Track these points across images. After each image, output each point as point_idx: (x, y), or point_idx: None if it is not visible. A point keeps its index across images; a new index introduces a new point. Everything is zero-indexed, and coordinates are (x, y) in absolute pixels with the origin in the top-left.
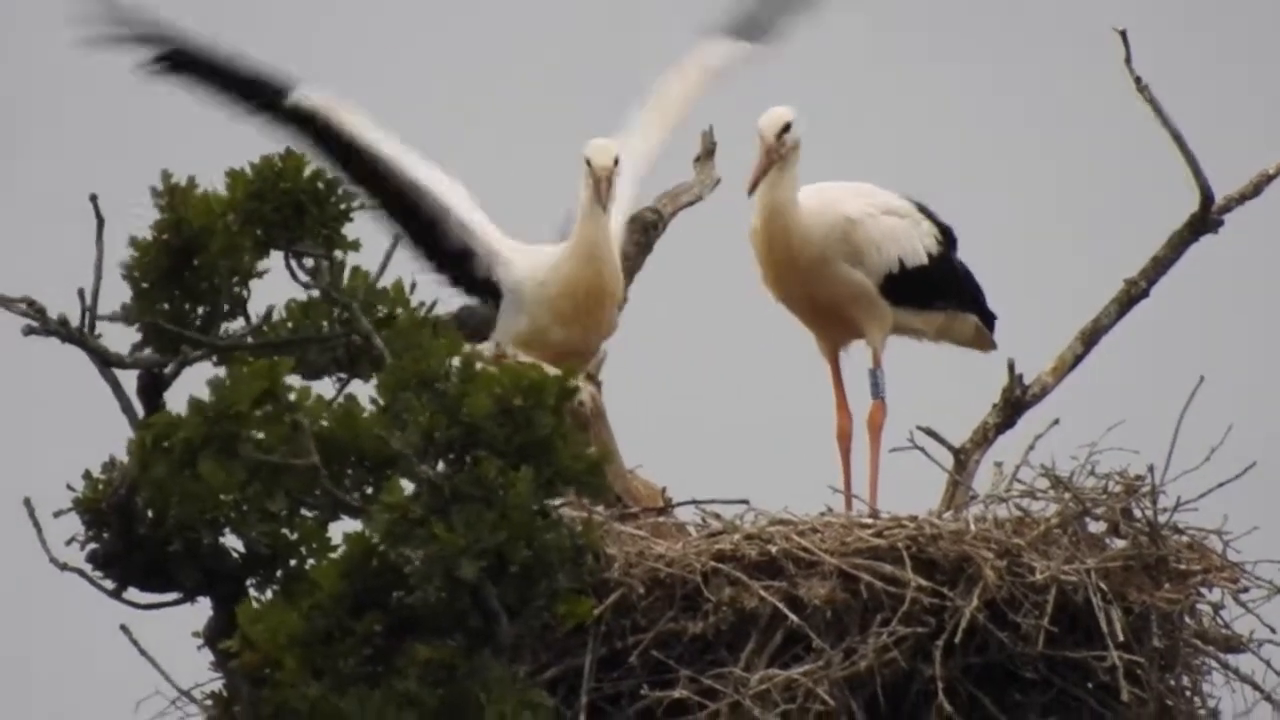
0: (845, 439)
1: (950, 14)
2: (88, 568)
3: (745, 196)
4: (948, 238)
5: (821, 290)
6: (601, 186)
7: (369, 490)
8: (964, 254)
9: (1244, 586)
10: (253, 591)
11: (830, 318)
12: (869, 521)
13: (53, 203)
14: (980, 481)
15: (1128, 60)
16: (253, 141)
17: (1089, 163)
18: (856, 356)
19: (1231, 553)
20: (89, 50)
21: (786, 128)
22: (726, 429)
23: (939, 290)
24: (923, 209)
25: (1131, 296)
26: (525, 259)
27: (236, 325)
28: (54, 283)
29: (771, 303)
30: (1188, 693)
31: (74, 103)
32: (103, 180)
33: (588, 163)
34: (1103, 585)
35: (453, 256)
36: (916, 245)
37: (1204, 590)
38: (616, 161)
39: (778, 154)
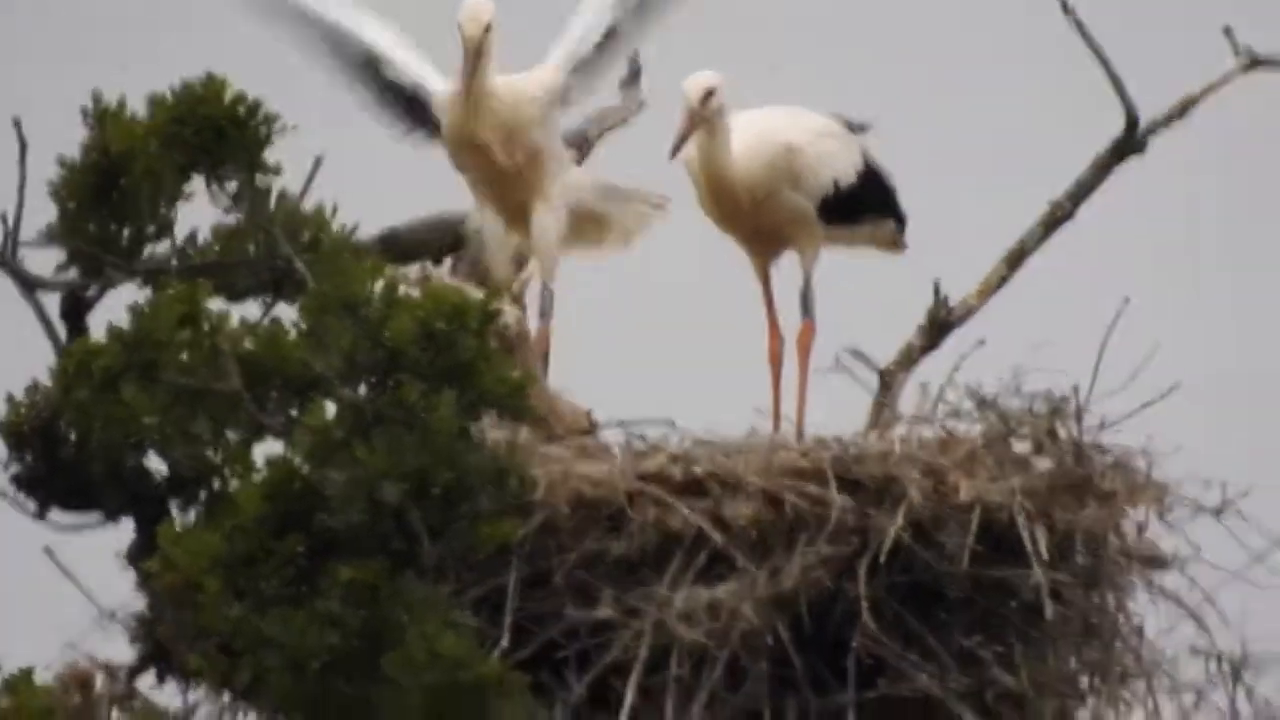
0: (776, 360)
1: None
2: (11, 490)
3: (671, 147)
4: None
5: (763, 217)
6: (468, 58)
7: (292, 413)
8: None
9: (1168, 505)
10: (175, 513)
11: (767, 239)
12: (794, 442)
13: None
14: (906, 402)
15: None
16: (177, 66)
17: (1014, 84)
18: (788, 277)
19: (1156, 472)
20: None
21: (710, 92)
22: (652, 350)
23: (867, 205)
24: (845, 122)
25: (1056, 218)
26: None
27: (162, 248)
28: None
29: (701, 224)
30: (1112, 610)
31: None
32: (27, 104)
33: (458, 28)
34: (1027, 505)
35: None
36: (848, 165)
37: (1129, 509)
38: (489, 28)
39: (700, 118)
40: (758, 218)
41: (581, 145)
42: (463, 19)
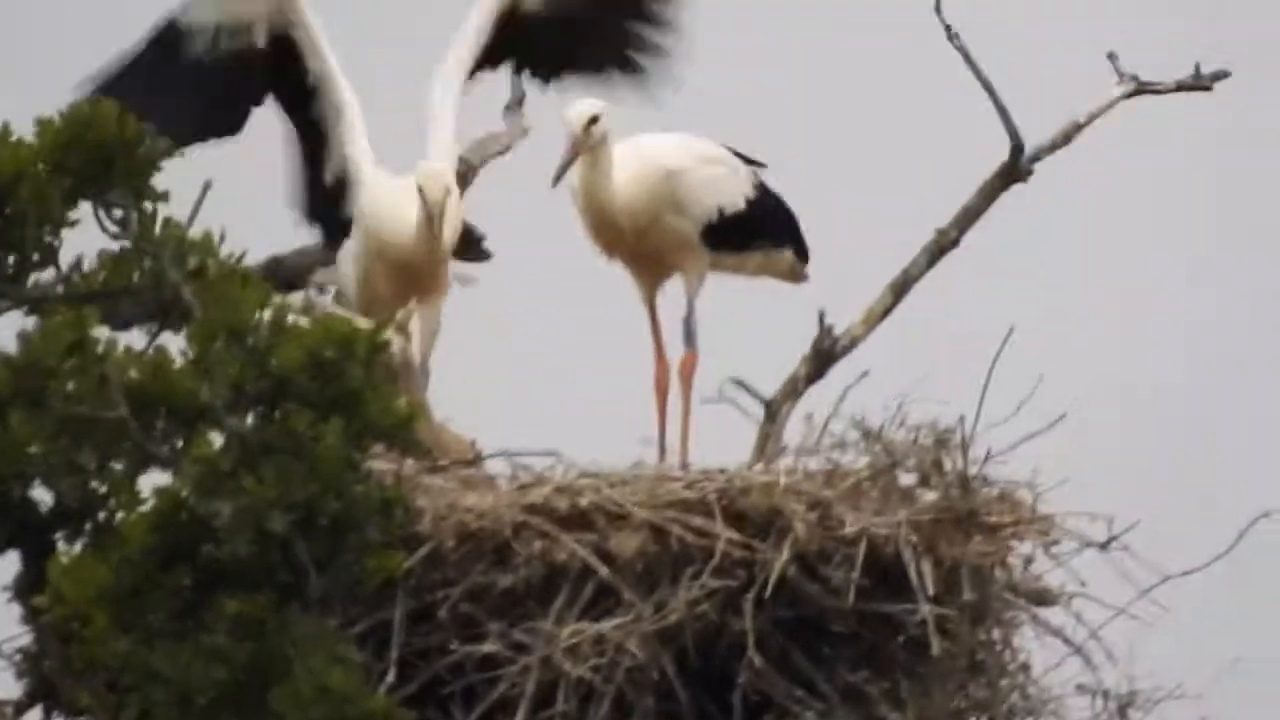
0: (662, 389)
1: None
2: None
3: (554, 176)
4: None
5: (646, 243)
6: (434, 222)
7: (179, 443)
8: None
9: (1054, 539)
10: (61, 545)
11: (651, 264)
12: (679, 474)
13: None
14: (791, 434)
15: (938, 8)
16: (63, 93)
17: (899, 110)
18: (675, 305)
19: (1042, 505)
20: None
21: (594, 120)
22: (536, 378)
23: (757, 234)
24: (736, 154)
25: (941, 246)
26: (375, 189)
27: (47, 275)
28: None
29: (587, 249)
30: (998, 646)
31: None
32: None
33: (420, 190)
34: (914, 538)
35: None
36: (734, 193)
37: (1015, 543)
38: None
39: (584, 146)
40: (641, 243)
41: (464, 175)
42: (424, 180)
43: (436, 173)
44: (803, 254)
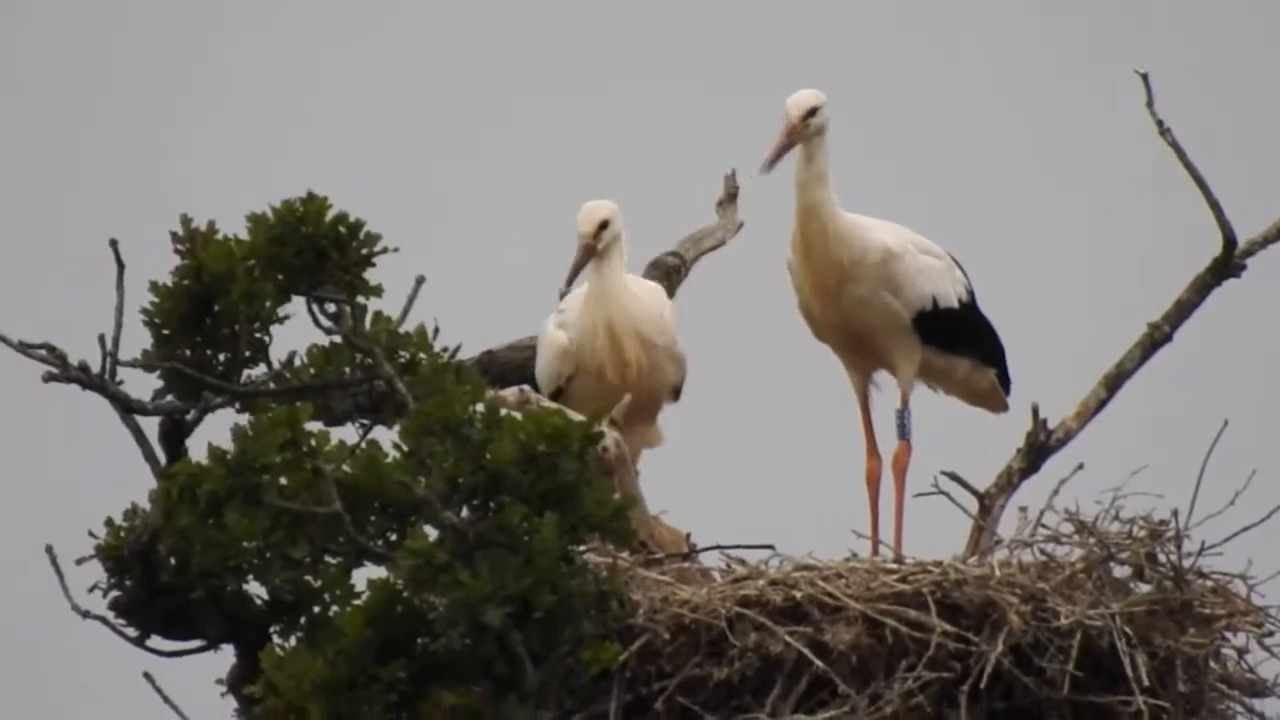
0: (874, 482)
1: (970, 56)
2: (110, 615)
3: (765, 177)
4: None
5: (856, 316)
6: (578, 254)
7: (393, 536)
8: (987, 298)
9: (1269, 630)
10: (276, 639)
11: (863, 349)
12: (894, 567)
13: (73, 248)
14: (1005, 526)
15: (1149, 103)
16: (274, 186)
17: (1112, 206)
18: (886, 400)
19: (1256, 597)
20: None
21: (813, 111)
22: (751, 473)
23: (965, 337)
24: (953, 259)
25: (1155, 340)
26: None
27: (259, 371)
28: (75, 329)
29: (802, 340)
30: None
31: (94, 147)
32: (124, 225)
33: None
34: (1128, 629)
35: None
36: (948, 288)
37: (1229, 634)
38: (605, 224)
39: (800, 135)
40: (849, 311)
41: (677, 269)
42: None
43: (588, 209)
44: (1005, 381)
